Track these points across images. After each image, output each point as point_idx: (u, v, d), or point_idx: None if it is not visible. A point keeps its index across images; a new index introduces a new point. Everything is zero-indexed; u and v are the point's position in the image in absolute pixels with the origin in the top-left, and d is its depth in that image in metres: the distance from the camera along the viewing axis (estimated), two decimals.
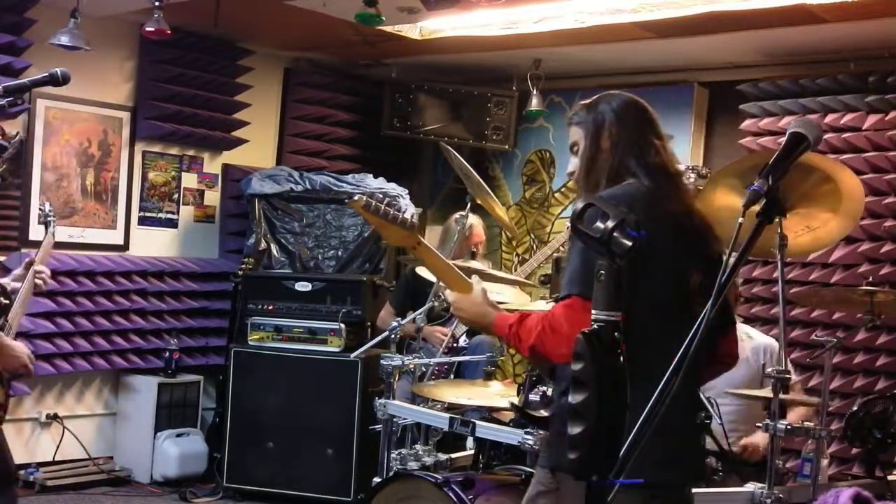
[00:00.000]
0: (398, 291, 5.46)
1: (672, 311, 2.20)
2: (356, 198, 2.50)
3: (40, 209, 4.16)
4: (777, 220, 2.99)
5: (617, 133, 2.40)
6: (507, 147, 6.45)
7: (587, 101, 2.51)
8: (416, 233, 2.56)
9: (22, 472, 5.37)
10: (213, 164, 6.32)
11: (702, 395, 3.23)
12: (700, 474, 2.57)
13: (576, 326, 2.13)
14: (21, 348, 3.29)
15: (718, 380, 3.89)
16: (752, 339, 4.09)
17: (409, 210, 5.93)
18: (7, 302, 3.38)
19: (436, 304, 4.34)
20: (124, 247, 5.86)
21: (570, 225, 2.28)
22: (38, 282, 3.55)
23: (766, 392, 3.17)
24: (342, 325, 5.43)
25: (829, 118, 5.03)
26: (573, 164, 2.48)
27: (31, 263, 3.55)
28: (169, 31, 4.89)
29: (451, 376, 4.86)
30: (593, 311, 1.59)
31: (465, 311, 2.54)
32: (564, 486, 2.28)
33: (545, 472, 2.38)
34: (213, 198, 6.32)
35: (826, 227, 3.29)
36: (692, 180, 5.20)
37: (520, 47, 5.58)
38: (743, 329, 4.14)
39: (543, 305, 3.47)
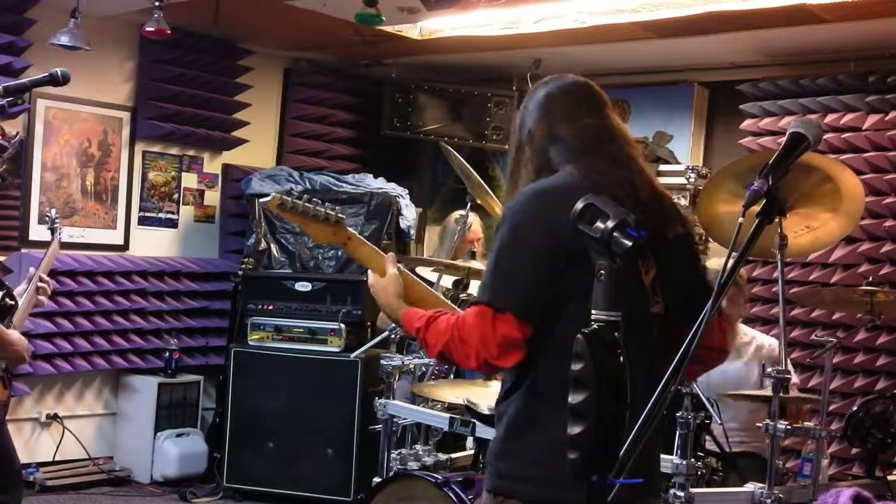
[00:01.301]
0: None
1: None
2: (270, 197, 2.29)
3: (46, 215, 4.16)
4: (777, 220, 2.99)
5: (538, 123, 2.12)
6: (507, 147, 6.42)
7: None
8: (344, 227, 2.36)
9: (22, 471, 5.38)
10: (213, 164, 6.32)
11: (701, 396, 3.24)
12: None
13: (485, 338, 1.94)
14: (20, 339, 3.30)
15: (719, 381, 3.92)
16: (754, 340, 4.09)
17: (408, 212, 5.93)
18: (13, 303, 3.38)
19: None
20: (124, 247, 5.86)
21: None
22: (41, 297, 3.55)
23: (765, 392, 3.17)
24: (342, 325, 5.43)
25: (829, 118, 5.03)
26: None
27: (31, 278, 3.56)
28: (169, 31, 4.89)
29: (451, 376, 4.86)
30: (593, 311, 1.59)
31: (377, 298, 2.31)
32: None
33: (489, 496, 2.08)
34: (213, 198, 6.33)
35: (826, 227, 3.29)
36: (692, 180, 5.23)
37: (520, 47, 5.58)
38: (743, 329, 4.15)
39: None
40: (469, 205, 4.75)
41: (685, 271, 2.12)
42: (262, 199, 2.55)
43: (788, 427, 2.96)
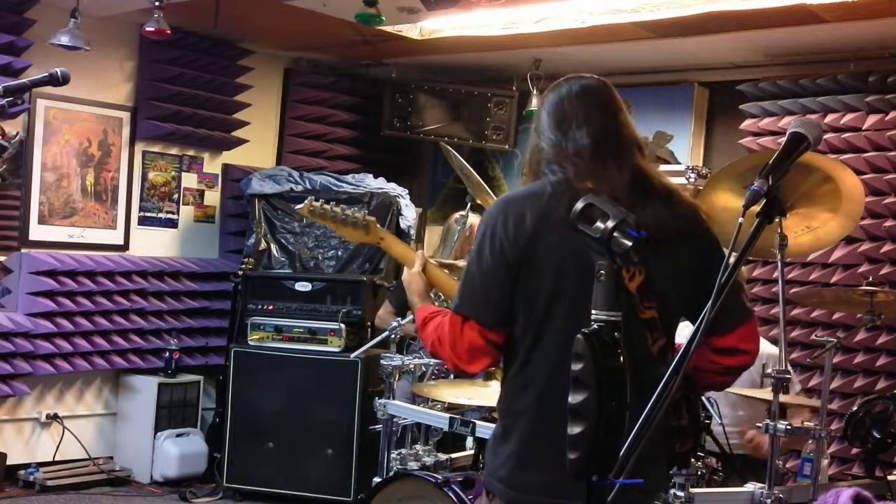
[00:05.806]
0: (398, 290, 5.45)
1: (572, 312, 1.93)
2: (301, 205, 2.42)
3: None
4: (777, 220, 2.99)
5: (543, 127, 2.11)
6: (507, 147, 6.44)
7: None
8: (375, 227, 2.46)
9: (22, 472, 5.38)
10: (213, 164, 6.32)
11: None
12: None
13: (454, 344, 2.03)
14: None
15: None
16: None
17: (410, 208, 5.92)
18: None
19: (436, 303, 4.33)
20: (124, 247, 5.86)
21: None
22: None
23: (766, 393, 3.17)
24: (342, 325, 5.43)
25: (829, 118, 5.03)
26: None
27: None
28: (169, 31, 4.90)
29: (452, 376, 4.86)
30: (593, 312, 1.58)
31: (406, 290, 2.42)
32: None
33: (484, 492, 2.13)
34: (213, 198, 6.33)
35: (826, 227, 3.29)
36: (692, 180, 5.23)
37: (520, 47, 5.58)
38: None
39: None
40: (469, 205, 4.74)
41: (693, 272, 2.04)
42: (296, 206, 2.69)
43: (788, 427, 2.96)
